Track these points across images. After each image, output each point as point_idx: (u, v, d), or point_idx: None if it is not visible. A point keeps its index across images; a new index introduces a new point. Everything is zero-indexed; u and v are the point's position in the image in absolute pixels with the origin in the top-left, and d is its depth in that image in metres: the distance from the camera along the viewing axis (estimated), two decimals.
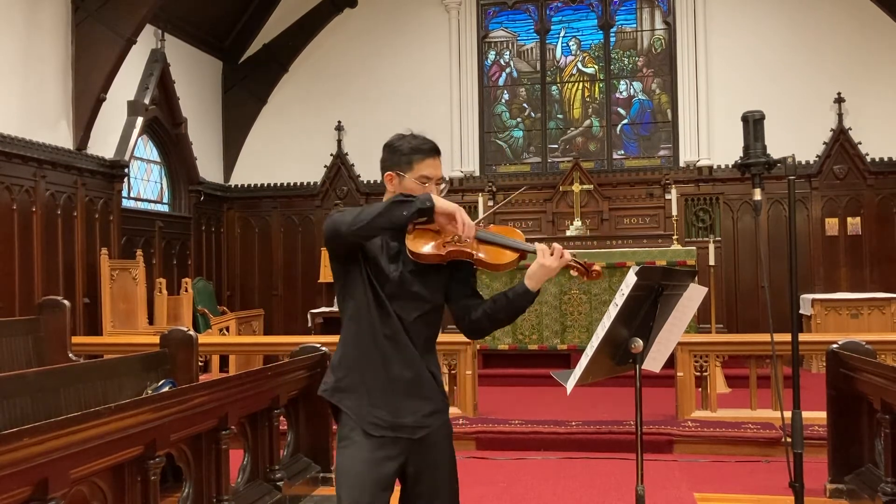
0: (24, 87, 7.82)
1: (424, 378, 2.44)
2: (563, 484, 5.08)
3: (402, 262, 2.41)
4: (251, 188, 11.76)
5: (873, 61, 10.30)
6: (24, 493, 2.48)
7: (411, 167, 2.41)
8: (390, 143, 2.48)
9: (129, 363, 4.68)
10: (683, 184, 10.44)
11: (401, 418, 2.39)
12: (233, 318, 9.60)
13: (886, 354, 5.77)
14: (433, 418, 2.45)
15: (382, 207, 2.26)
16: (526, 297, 2.41)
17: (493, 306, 2.44)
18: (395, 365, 2.39)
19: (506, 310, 2.43)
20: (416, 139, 2.45)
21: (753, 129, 3.33)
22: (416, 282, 2.40)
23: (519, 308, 2.43)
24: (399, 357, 2.39)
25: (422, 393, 2.42)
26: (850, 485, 4.55)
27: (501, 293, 2.45)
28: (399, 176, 2.42)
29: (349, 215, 2.30)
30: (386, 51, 11.42)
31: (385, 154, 2.48)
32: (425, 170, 2.42)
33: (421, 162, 2.42)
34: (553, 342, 8.60)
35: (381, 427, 2.37)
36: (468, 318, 2.48)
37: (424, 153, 2.43)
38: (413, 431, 2.40)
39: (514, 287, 2.43)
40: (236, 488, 4.25)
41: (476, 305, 2.48)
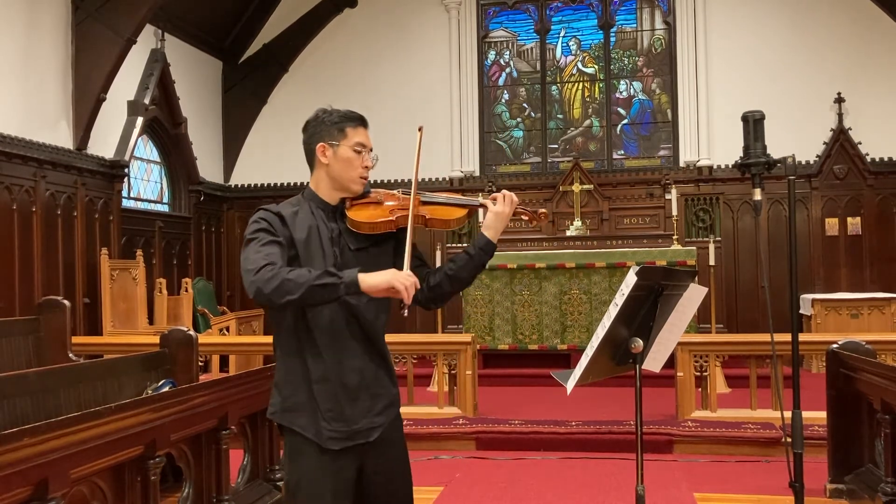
0: (24, 87, 7.82)
1: (373, 372, 2.33)
2: (563, 484, 5.08)
3: (342, 244, 2.31)
4: (251, 188, 11.76)
5: (873, 61, 10.30)
6: (24, 493, 2.48)
7: (345, 134, 2.32)
8: (314, 117, 2.38)
9: (129, 363, 4.68)
10: (683, 184, 10.44)
11: (355, 424, 2.29)
12: (233, 318, 9.59)
13: (886, 354, 5.77)
14: (385, 414, 2.35)
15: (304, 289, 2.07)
16: (488, 248, 2.33)
17: (455, 266, 2.35)
18: (342, 368, 2.27)
19: (468, 267, 2.34)
20: (342, 110, 2.37)
21: (753, 129, 3.33)
22: (362, 261, 2.27)
23: (481, 263, 2.35)
24: (346, 358, 2.28)
25: (371, 390, 2.32)
26: (850, 485, 4.55)
27: (459, 253, 2.38)
28: (332, 146, 2.32)
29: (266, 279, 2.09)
30: (386, 51, 11.42)
31: (311, 128, 2.37)
32: (359, 136, 2.33)
33: (354, 129, 2.34)
34: (553, 342, 8.60)
35: (339, 440, 2.27)
36: (426, 285, 2.35)
37: (356, 120, 2.35)
38: (368, 434, 2.31)
39: (473, 243, 2.36)
40: (236, 488, 4.25)
41: (430, 273, 2.39)
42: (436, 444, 6.05)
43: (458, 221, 2.38)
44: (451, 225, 2.39)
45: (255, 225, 2.26)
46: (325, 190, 2.37)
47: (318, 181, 2.38)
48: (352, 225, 2.31)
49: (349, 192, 2.36)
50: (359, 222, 2.29)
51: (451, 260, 2.40)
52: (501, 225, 2.34)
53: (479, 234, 2.36)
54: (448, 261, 2.41)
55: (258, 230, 2.24)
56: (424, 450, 5.90)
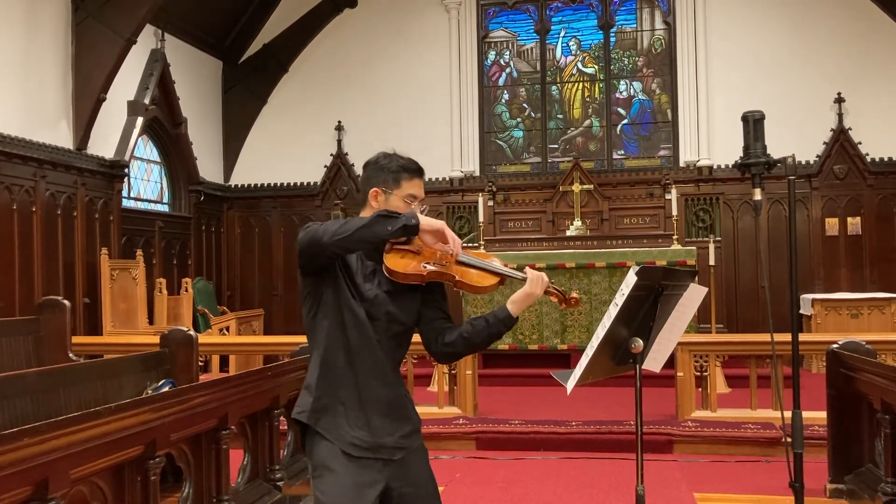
0: (24, 87, 7.82)
1: (399, 398, 2.40)
2: (563, 484, 5.08)
3: (377, 282, 2.37)
4: (251, 188, 11.77)
5: (873, 61, 10.30)
6: (24, 493, 2.48)
7: (399, 185, 2.40)
8: (376, 161, 2.46)
9: (129, 363, 4.68)
10: (683, 184, 10.44)
11: (380, 438, 2.34)
12: (233, 318, 9.59)
13: (886, 354, 5.77)
14: (411, 439, 2.41)
15: (367, 220, 2.21)
16: (507, 322, 2.39)
17: (471, 330, 2.40)
18: (371, 385, 2.35)
19: (483, 334, 2.40)
20: (404, 159, 2.45)
21: (753, 129, 3.33)
22: (392, 303, 2.36)
23: (497, 333, 2.40)
24: (375, 377, 2.35)
25: (399, 413, 2.39)
26: (850, 485, 4.55)
27: (480, 317, 2.42)
28: (385, 193, 2.40)
29: (329, 226, 2.24)
30: (386, 51, 11.42)
31: (370, 171, 2.45)
32: (412, 189, 2.41)
33: (409, 181, 2.41)
34: (553, 342, 8.59)
35: (360, 448, 2.31)
36: (441, 340, 2.43)
37: (412, 172, 2.42)
38: (392, 452, 2.35)
39: (494, 312, 2.40)
40: (236, 488, 4.25)
41: (449, 329, 2.45)
42: (436, 444, 6.04)
43: (486, 289, 2.41)
44: (479, 292, 2.45)
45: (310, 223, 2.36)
46: None
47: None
48: (386, 270, 2.37)
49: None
50: (392, 270, 2.35)
51: (469, 322, 2.43)
52: (528, 304, 2.40)
53: (503, 307, 2.40)
54: (466, 322, 2.45)
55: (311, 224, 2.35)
56: None
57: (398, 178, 2.41)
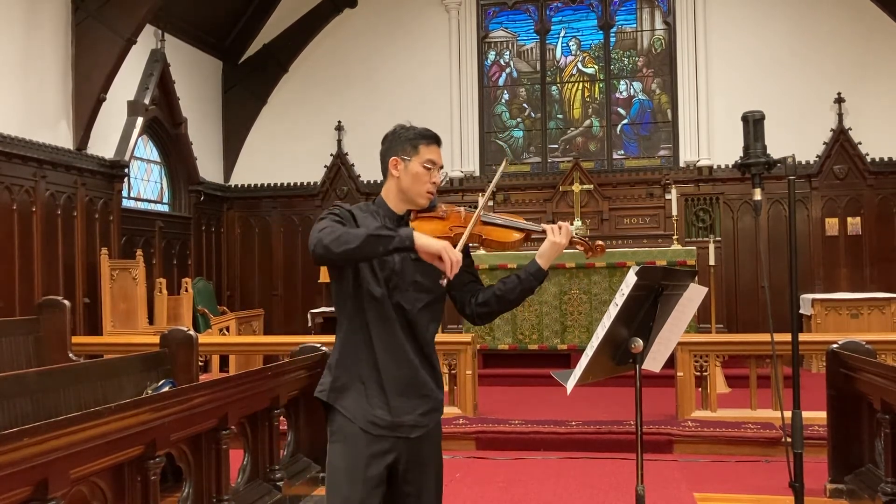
0: (24, 87, 7.82)
1: (423, 375, 2.44)
2: (563, 484, 5.08)
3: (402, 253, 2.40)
4: (251, 188, 11.76)
5: (873, 61, 10.30)
6: (24, 493, 2.48)
7: (417, 151, 2.45)
8: (393, 132, 2.51)
9: (129, 363, 4.68)
10: (683, 184, 10.44)
11: (399, 417, 2.39)
12: (233, 318, 9.59)
13: (886, 354, 5.77)
14: (429, 417, 2.45)
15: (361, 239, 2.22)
16: (538, 275, 2.48)
17: (504, 287, 2.48)
18: (393, 363, 2.39)
19: (516, 290, 2.48)
20: (420, 128, 2.50)
21: (753, 129, 3.33)
22: (418, 271, 2.40)
23: (530, 288, 2.49)
24: (398, 354, 2.39)
25: (420, 391, 2.43)
26: (850, 485, 4.55)
27: (510, 275, 2.50)
28: (404, 160, 2.45)
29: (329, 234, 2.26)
30: (386, 51, 11.42)
31: (387, 143, 2.51)
32: (430, 154, 2.46)
33: (427, 147, 2.46)
34: (553, 342, 8.60)
35: (379, 426, 2.37)
36: (475, 301, 2.51)
37: (429, 139, 2.48)
38: (410, 430, 2.40)
39: (525, 267, 2.48)
40: (236, 488, 4.25)
41: (481, 290, 2.53)
42: None
43: (513, 244, 2.48)
44: (508, 247, 2.50)
45: (327, 212, 2.43)
46: (394, 200, 2.49)
47: (388, 191, 2.51)
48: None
49: (415, 205, 2.49)
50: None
51: (501, 280, 2.51)
52: (555, 254, 2.49)
53: (532, 261, 2.49)
54: (499, 281, 2.52)
55: (330, 214, 2.41)
56: None
57: (416, 144, 2.45)
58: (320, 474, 5.03)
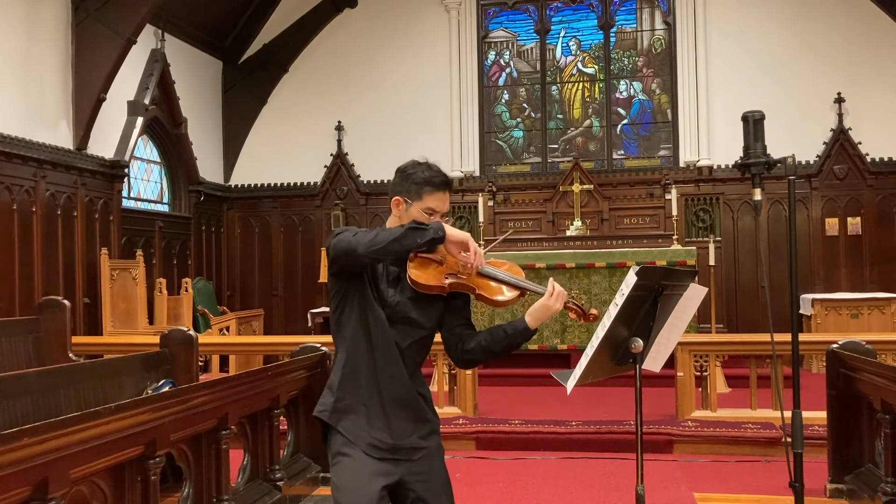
0: (24, 87, 7.82)
1: (417, 400, 2.45)
2: (563, 484, 5.08)
3: (400, 289, 2.42)
4: (251, 188, 11.76)
5: (873, 61, 10.30)
6: (24, 493, 2.48)
7: (420, 197, 2.44)
8: (404, 169, 2.50)
9: (129, 363, 4.68)
10: (683, 184, 10.44)
11: (400, 440, 2.40)
12: (233, 318, 9.59)
13: (886, 354, 5.77)
14: (430, 440, 2.47)
15: (398, 233, 2.26)
16: (525, 334, 2.43)
17: (490, 339, 2.45)
18: (392, 388, 2.40)
19: (502, 344, 2.44)
20: (431, 170, 2.48)
21: (753, 129, 3.33)
22: (414, 308, 2.41)
23: (515, 344, 2.44)
24: (396, 380, 2.40)
25: (418, 415, 2.44)
26: (850, 485, 4.55)
27: (499, 326, 2.46)
28: (406, 203, 2.45)
29: (362, 237, 2.29)
30: (386, 51, 11.42)
31: (397, 178, 2.50)
32: (432, 202, 2.45)
33: (430, 194, 2.45)
34: (553, 342, 8.59)
35: (380, 449, 2.38)
36: (461, 346, 2.48)
37: (435, 186, 2.46)
38: (411, 453, 2.41)
39: (512, 322, 2.44)
40: (236, 488, 4.25)
41: (470, 336, 2.49)
42: None
43: (505, 303, 2.45)
44: (499, 305, 2.47)
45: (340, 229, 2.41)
46: None
47: (390, 226, 2.47)
48: (409, 279, 2.41)
49: None
50: (415, 280, 2.39)
51: (488, 331, 2.47)
52: (546, 317, 2.43)
53: (521, 318, 2.45)
54: (486, 331, 2.49)
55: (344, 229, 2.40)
56: None
57: (420, 190, 2.44)
58: (320, 474, 5.03)
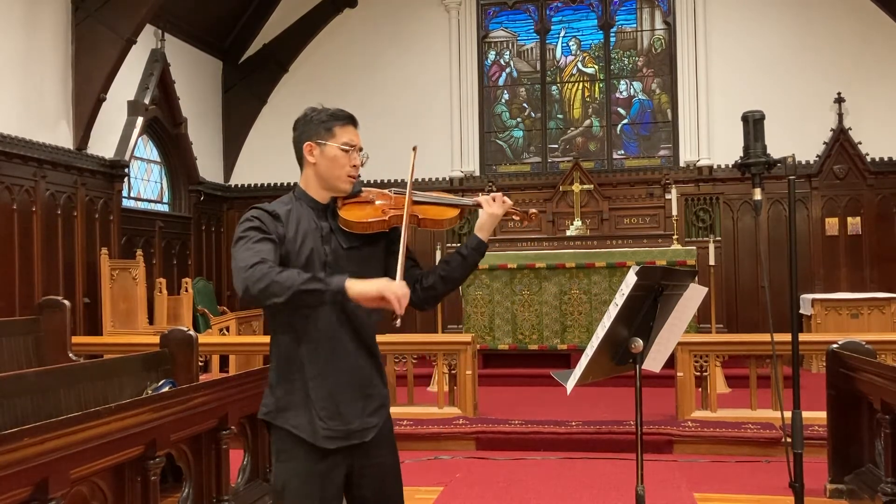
0: (24, 87, 7.82)
1: (366, 371, 2.31)
2: (563, 484, 5.08)
3: (335, 242, 2.29)
4: (251, 188, 11.77)
5: (873, 61, 10.30)
6: (24, 493, 2.48)
7: (332, 133, 2.31)
8: (303, 116, 2.37)
9: (129, 363, 4.68)
10: (683, 184, 10.44)
11: (350, 424, 2.26)
12: (233, 318, 9.58)
13: (886, 354, 5.77)
14: (377, 415, 2.33)
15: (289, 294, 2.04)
16: (480, 248, 2.36)
17: (448, 267, 2.36)
18: (336, 367, 2.26)
19: (461, 267, 2.36)
20: (332, 109, 2.36)
21: (753, 129, 3.33)
22: (353, 260, 2.28)
23: (474, 263, 2.37)
24: (339, 353, 2.26)
25: (364, 390, 2.30)
26: (850, 485, 4.55)
27: (452, 253, 2.39)
28: (319, 145, 2.31)
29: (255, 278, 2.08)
30: (386, 51, 11.42)
31: (298, 127, 2.36)
32: (347, 135, 2.33)
33: (343, 127, 2.33)
34: (553, 342, 8.59)
35: (335, 439, 2.24)
36: (419, 286, 2.35)
37: (344, 119, 2.34)
38: (363, 434, 2.29)
39: (465, 244, 2.38)
40: (236, 488, 4.25)
41: (425, 274, 2.39)
42: (436, 444, 6.05)
43: (450, 222, 2.38)
44: (444, 225, 2.39)
45: (246, 223, 2.25)
46: (315, 189, 2.36)
47: (307, 180, 2.37)
48: (344, 224, 2.30)
49: (338, 192, 2.35)
50: (351, 222, 2.28)
51: (443, 260, 2.39)
52: (493, 225, 2.38)
53: (472, 235, 2.39)
54: (441, 261, 2.41)
55: (249, 228, 2.23)
56: (424, 450, 5.90)
57: (330, 126, 2.32)
58: None
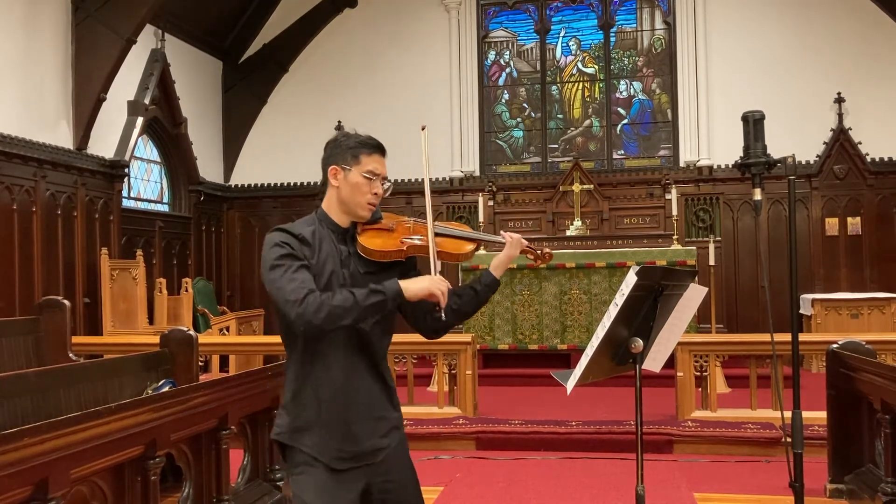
0: (24, 87, 7.82)
1: (377, 395, 2.35)
2: (563, 484, 5.08)
3: (353, 267, 2.33)
4: (251, 188, 11.77)
5: (873, 61, 10.30)
6: (24, 493, 2.48)
7: (358, 161, 2.35)
8: (333, 139, 2.43)
9: (129, 363, 4.68)
10: (683, 184, 10.44)
11: (360, 446, 2.30)
12: (233, 318, 9.58)
13: (886, 354, 5.77)
14: (389, 437, 2.37)
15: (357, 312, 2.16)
16: (493, 286, 2.43)
17: (460, 301, 2.40)
18: (349, 389, 2.29)
19: (472, 302, 2.42)
20: (362, 136, 2.40)
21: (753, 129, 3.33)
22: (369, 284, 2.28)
23: (485, 299, 2.44)
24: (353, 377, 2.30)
25: (376, 413, 2.34)
26: (850, 485, 4.55)
27: (465, 286, 2.43)
28: (344, 170, 2.36)
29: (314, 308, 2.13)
30: (386, 51, 11.42)
31: (328, 150, 2.42)
32: (372, 164, 2.35)
33: (368, 156, 2.36)
34: (553, 342, 8.60)
35: (345, 460, 2.29)
36: (429, 317, 2.40)
37: (371, 148, 2.37)
38: (374, 456, 2.32)
39: (479, 279, 2.43)
40: (236, 488, 4.25)
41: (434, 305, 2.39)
42: (436, 444, 6.05)
43: (465, 256, 2.42)
44: (459, 259, 2.43)
45: (277, 250, 2.24)
46: (336, 212, 2.40)
47: (329, 203, 2.41)
48: (362, 251, 2.33)
49: (356, 217, 2.38)
50: (370, 250, 2.32)
51: (455, 293, 2.41)
52: (507, 265, 2.45)
53: (486, 272, 2.44)
54: (453, 294, 2.41)
55: (282, 256, 2.23)
56: (424, 450, 5.90)
57: (357, 153, 2.35)
58: None
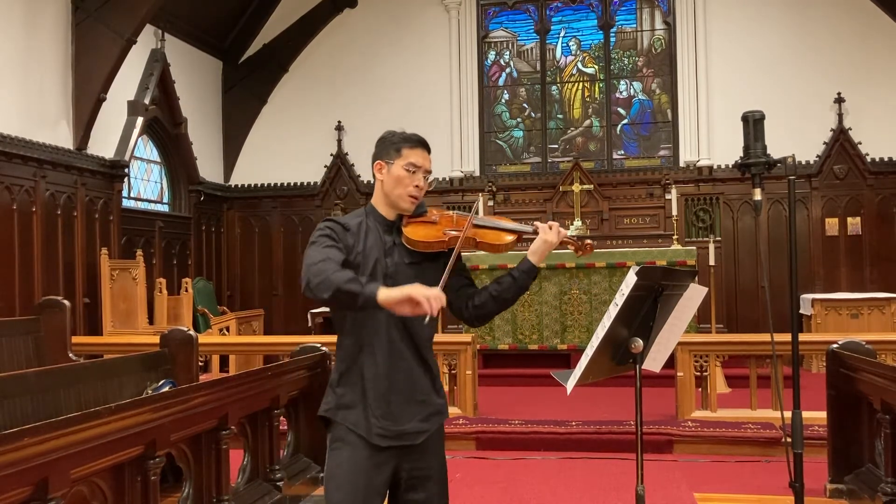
0: (24, 87, 7.82)
1: (420, 380, 2.46)
2: (563, 484, 5.08)
3: (397, 256, 2.44)
4: (251, 188, 11.77)
5: (873, 61, 10.30)
6: (24, 493, 2.48)
7: (400, 154, 2.45)
8: (381, 137, 2.54)
9: (129, 363, 4.68)
10: (683, 184, 10.44)
11: (402, 426, 2.41)
12: (233, 318, 9.59)
13: (886, 354, 5.77)
14: (431, 422, 2.49)
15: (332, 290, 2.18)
16: (532, 273, 2.48)
17: (499, 287, 2.49)
18: (395, 371, 2.40)
19: (512, 289, 2.49)
20: (407, 133, 2.51)
21: (753, 129, 3.33)
22: (413, 275, 2.39)
23: (524, 286, 2.50)
24: (397, 361, 2.40)
25: (420, 397, 2.45)
26: (850, 485, 4.55)
27: (505, 274, 2.51)
28: (387, 164, 2.46)
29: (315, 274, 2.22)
30: (386, 51, 11.42)
31: (376, 148, 2.53)
32: (413, 157, 2.45)
33: (410, 150, 2.46)
34: (553, 342, 8.60)
35: (387, 437, 2.38)
36: (471, 304, 2.52)
37: (413, 143, 2.48)
38: (415, 437, 2.43)
39: (517, 266, 2.50)
40: (236, 488, 4.25)
41: (476, 292, 2.53)
42: None
43: (506, 247, 2.49)
44: (500, 249, 2.50)
45: (318, 232, 2.41)
46: (382, 205, 2.51)
47: (377, 196, 2.53)
48: (407, 242, 2.44)
49: (400, 210, 2.49)
50: (414, 241, 2.42)
51: (495, 281, 2.53)
52: (547, 252, 2.49)
53: (524, 259, 2.50)
54: (493, 281, 2.53)
55: (321, 235, 2.39)
56: None
57: (399, 147, 2.46)
58: (320, 474, 5.03)
